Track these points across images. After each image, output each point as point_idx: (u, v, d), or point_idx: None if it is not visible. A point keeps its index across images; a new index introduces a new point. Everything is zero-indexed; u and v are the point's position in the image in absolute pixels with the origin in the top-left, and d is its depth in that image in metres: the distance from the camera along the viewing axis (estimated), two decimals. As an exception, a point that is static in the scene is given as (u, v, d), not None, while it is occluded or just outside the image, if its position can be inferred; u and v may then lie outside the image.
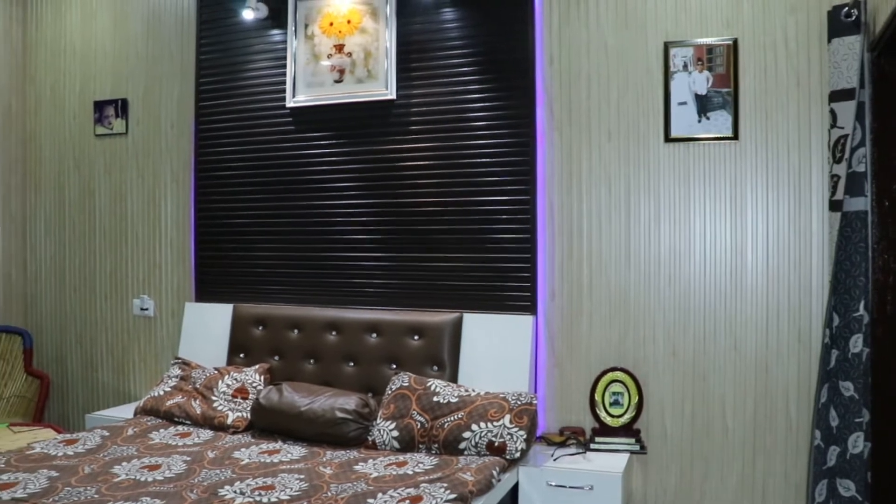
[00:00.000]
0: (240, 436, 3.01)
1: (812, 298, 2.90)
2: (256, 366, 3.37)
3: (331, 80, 3.47)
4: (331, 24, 3.47)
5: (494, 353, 3.11)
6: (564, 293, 3.22)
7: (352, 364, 3.30)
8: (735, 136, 2.98)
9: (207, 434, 3.02)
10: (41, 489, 2.27)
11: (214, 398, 3.20)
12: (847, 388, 2.58)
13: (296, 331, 3.43)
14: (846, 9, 2.65)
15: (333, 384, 3.24)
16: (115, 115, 4.05)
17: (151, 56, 3.97)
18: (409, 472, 2.52)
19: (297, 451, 2.79)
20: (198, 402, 3.19)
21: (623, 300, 3.14)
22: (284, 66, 3.55)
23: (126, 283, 4.04)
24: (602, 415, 3.07)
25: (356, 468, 2.57)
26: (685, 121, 3.04)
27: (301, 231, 3.56)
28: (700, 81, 3.01)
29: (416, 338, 3.20)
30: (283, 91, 3.56)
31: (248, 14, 3.55)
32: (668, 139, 3.06)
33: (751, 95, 2.97)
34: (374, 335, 3.28)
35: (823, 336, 2.69)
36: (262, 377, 3.29)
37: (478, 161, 3.25)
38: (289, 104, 3.54)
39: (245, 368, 3.35)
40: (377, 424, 2.90)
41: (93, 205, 4.13)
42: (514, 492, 2.81)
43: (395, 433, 2.84)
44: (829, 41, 2.76)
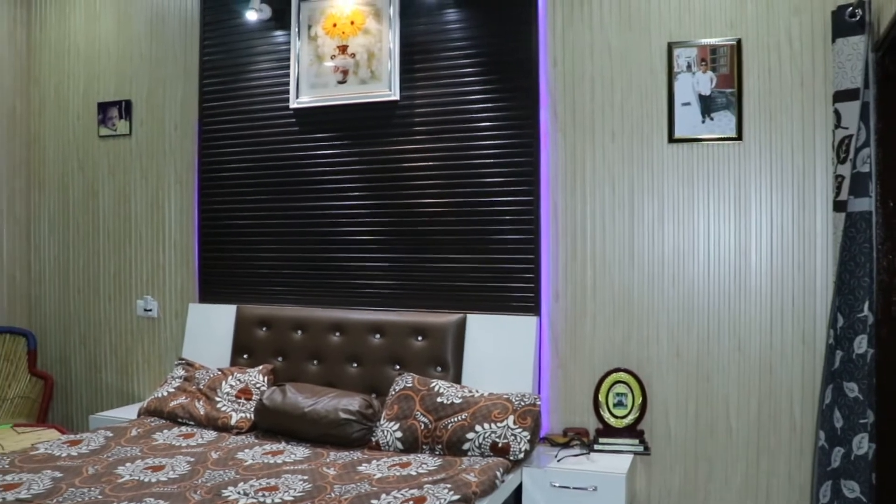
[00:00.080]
0: (243, 437, 3.02)
1: (816, 299, 2.89)
2: (260, 366, 3.38)
3: (334, 81, 3.47)
4: (334, 26, 3.47)
5: (498, 354, 3.11)
6: (568, 294, 3.21)
7: (355, 365, 3.30)
8: (739, 137, 2.98)
9: (211, 435, 3.03)
10: (45, 490, 2.27)
11: (218, 399, 3.20)
12: (851, 389, 2.58)
13: (299, 332, 3.43)
14: (850, 9, 2.65)
15: (337, 385, 3.24)
16: (119, 117, 4.05)
17: (155, 57, 3.98)
18: (413, 473, 2.52)
19: (301, 452, 2.79)
20: (201, 403, 3.20)
21: (627, 301, 3.13)
22: (288, 67, 3.56)
23: (130, 284, 4.05)
24: (606, 416, 3.07)
25: (360, 469, 2.57)
26: (689, 121, 3.03)
27: (304, 232, 3.56)
28: (704, 82, 3.01)
29: (420, 339, 3.20)
30: (287, 92, 3.56)
31: (252, 15, 3.55)
32: (672, 140, 3.06)
33: (755, 96, 2.96)
34: (378, 336, 3.28)
35: (828, 337, 2.68)
36: (266, 378, 3.30)
37: (481, 162, 3.25)
38: (292, 105, 3.54)
39: (249, 369, 3.35)
40: (381, 425, 2.90)
41: (96, 206, 4.14)
42: (518, 493, 2.81)
43: (399, 434, 2.84)
44: (834, 41, 2.75)
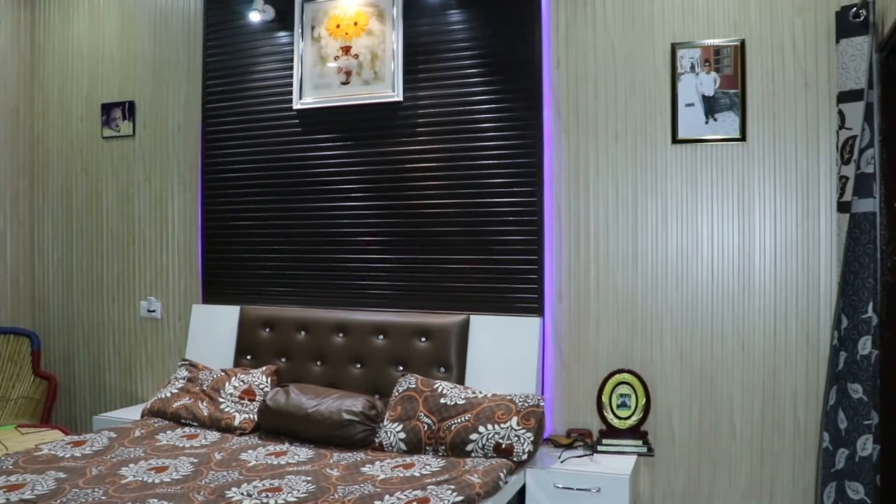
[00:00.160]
0: (247, 437, 3.02)
1: (820, 300, 2.88)
2: (263, 367, 3.38)
3: (337, 82, 3.47)
4: (337, 26, 3.47)
5: (501, 355, 3.10)
6: (572, 295, 3.21)
7: (359, 366, 3.30)
8: (742, 138, 2.97)
9: (214, 436, 3.03)
10: (49, 490, 2.27)
11: (221, 400, 3.20)
12: (856, 391, 2.57)
13: (303, 332, 3.43)
14: (854, 9, 2.64)
15: (340, 386, 3.24)
16: (123, 118, 4.06)
17: (158, 59, 3.99)
18: (416, 474, 2.52)
19: (304, 453, 2.79)
20: (205, 404, 3.20)
21: (630, 302, 3.13)
22: (291, 68, 3.56)
23: (133, 285, 4.05)
24: (609, 417, 3.07)
25: (363, 470, 2.57)
26: (692, 122, 3.03)
27: (308, 233, 3.56)
28: (707, 83, 3.00)
29: (423, 339, 3.20)
30: (290, 93, 3.56)
31: (255, 16, 3.56)
32: (676, 140, 3.06)
33: (758, 96, 2.96)
34: (381, 337, 3.28)
35: (832, 338, 2.68)
36: (269, 379, 3.30)
37: (485, 163, 3.25)
38: (295, 106, 3.54)
39: (252, 370, 3.35)
40: (384, 426, 2.90)
41: (100, 207, 4.15)
42: (522, 494, 2.81)
43: (402, 435, 2.84)
44: (837, 42, 2.75)
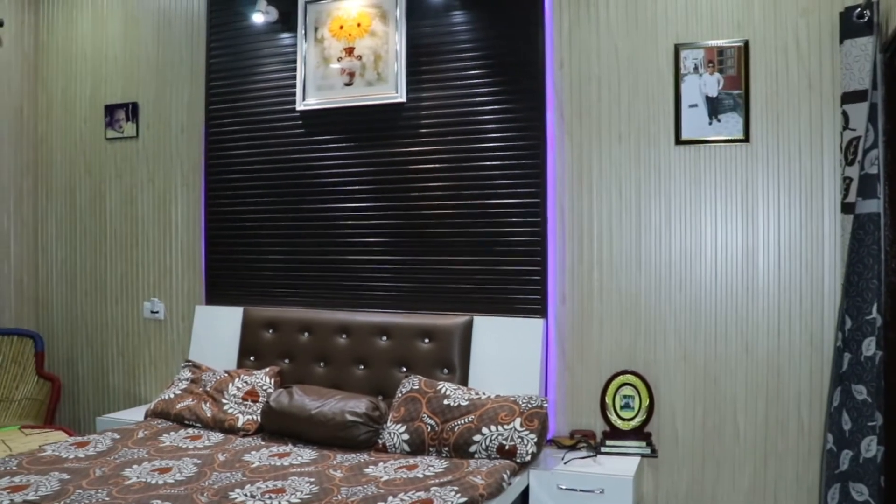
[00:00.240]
0: (250, 439, 3.02)
1: (824, 301, 2.88)
2: (267, 369, 3.38)
3: (341, 83, 3.47)
4: (340, 28, 3.47)
5: (505, 357, 3.10)
6: (575, 296, 3.21)
7: (362, 367, 3.30)
8: (746, 139, 2.97)
9: (218, 437, 3.03)
10: (52, 492, 2.28)
11: (225, 401, 3.20)
12: (860, 392, 2.57)
13: (306, 334, 3.44)
14: (858, 10, 2.64)
15: (343, 387, 3.24)
16: (126, 119, 4.07)
17: (162, 60, 3.99)
18: (420, 476, 2.51)
19: (308, 454, 2.79)
20: (208, 405, 3.20)
21: (634, 303, 3.13)
22: (294, 70, 3.57)
23: (136, 286, 4.06)
24: (613, 418, 3.06)
25: (366, 471, 2.57)
26: (696, 123, 3.03)
27: (311, 234, 3.57)
28: (711, 84, 3.00)
29: (427, 341, 3.20)
30: (293, 94, 3.57)
31: (258, 17, 3.56)
32: (679, 142, 3.06)
33: (762, 97, 2.95)
34: (385, 338, 3.28)
35: (836, 339, 2.67)
36: (273, 380, 3.30)
37: (488, 164, 3.24)
38: (299, 107, 3.55)
39: (255, 371, 3.35)
40: (387, 427, 2.90)
41: (103, 208, 4.15)
42: (525, 495, 2.80)
43: (406, 436, 2.84)
44: (841, 42, 2.74)
